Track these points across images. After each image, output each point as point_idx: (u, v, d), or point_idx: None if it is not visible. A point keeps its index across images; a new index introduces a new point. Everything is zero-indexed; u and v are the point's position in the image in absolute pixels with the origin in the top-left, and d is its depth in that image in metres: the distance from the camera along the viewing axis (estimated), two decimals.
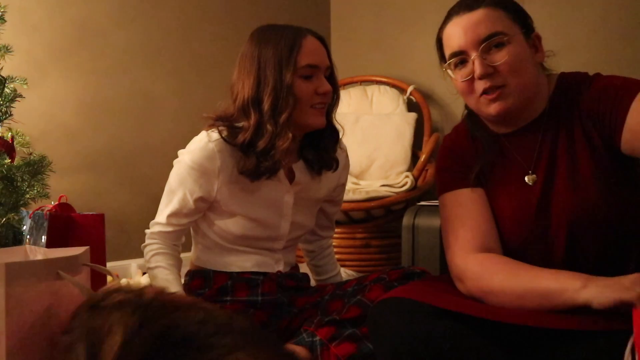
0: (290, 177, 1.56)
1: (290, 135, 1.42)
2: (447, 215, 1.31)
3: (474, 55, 1.22)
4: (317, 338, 1.43)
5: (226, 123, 1.48)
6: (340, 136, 1.62)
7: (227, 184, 1.49)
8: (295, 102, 1.42)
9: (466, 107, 1.38)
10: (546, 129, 1.27)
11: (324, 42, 1.50)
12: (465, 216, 1.27)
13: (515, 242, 1.26)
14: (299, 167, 1.56)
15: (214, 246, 1.58)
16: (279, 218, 1.56)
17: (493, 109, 1.24)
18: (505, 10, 1.24)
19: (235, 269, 1.57)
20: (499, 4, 1.25)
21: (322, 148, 1.56)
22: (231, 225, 1.54)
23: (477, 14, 1.23)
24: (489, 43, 1.21)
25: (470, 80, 1.24)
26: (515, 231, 1.27)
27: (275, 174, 1.47)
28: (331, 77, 1.51)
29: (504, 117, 1.27)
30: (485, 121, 1.34)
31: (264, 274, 1.58)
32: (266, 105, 1.41)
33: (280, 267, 1.61)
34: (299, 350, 1.44)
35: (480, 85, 1.23)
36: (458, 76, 1.26)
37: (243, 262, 1.57)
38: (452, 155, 1.36)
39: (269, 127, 1.42)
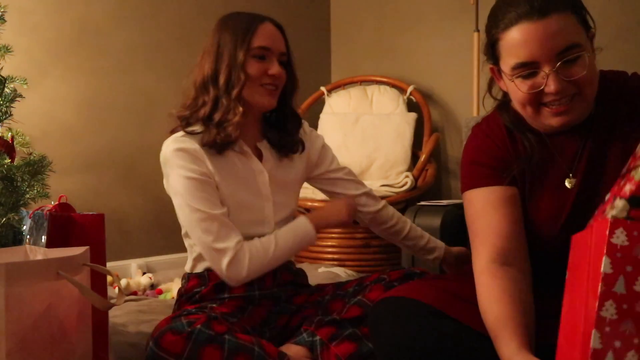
0: (259, 156, 1.61)
1: (240, 109, 1.51)
2: (475, 213, 1.26)
3: (547, 69, 1.12)
4: (317, 338, 1.44)
5: (183, 122, 1.56)
6: (302, 124, 1.69)
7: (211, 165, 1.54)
8: (246, 79, 1.51)
9: (490, 91, 1.32)
10: (590, 132, 1.22)
11: (282, 30, 1.60)
12: (493, 217, 1.22)
13: (550, 244, 1.24)
14: (264, 146, 1.62)
15: None
16: (261, 200, 1.58)
17: (556, 121, 1.18)
18: (575, 13, 1.15)
19: None
20: (569, 6, 1.14)
21: (284, 130, 1.63)
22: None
23: (552, 22, 1.11)
24: (566, 58, 1.12)
25: (537, 92, 1.16)
26: (549, 233, 1.23)
27: (232, 144, 1.54)
28: (288, 65, 1.60)
29: (564, 128, 1.21)
30: (532, 124, 1.26)
31: None
32: (221, 81, 1.52)
33: None
34: (299, 349, 1.44)
35: (548, 98, 1.16)
36: (524, 87, 1.16)
37: None
38: (486, 149, 1.28)
39: (224, 101, 1.52)
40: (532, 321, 1.12)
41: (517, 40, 1.13)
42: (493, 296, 1.14)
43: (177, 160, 1.50)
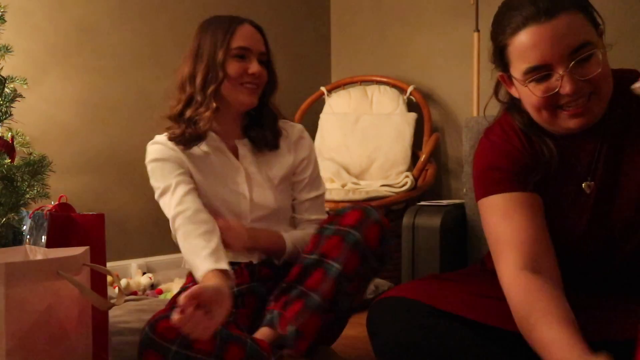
0: (236, 154, 1.64)
1: (214, 105, 1.55)
2: (498, 220, 1.19)
3: (561, 70, 1.09)
4: (275, 312, 1.44)
5: (173, 121, 1.61)
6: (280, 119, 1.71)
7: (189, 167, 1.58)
8: (225, 77, 1.55)
9: (497, 95, 1.30)
10: (605, 133, 1.19)
11: (261, 31, 1.63)
12: (519, 223, 1.16)
13: (571, 250, 1.22)
14: (242, 144, 1.64)
15: None
16: (237, 196, 1.60)
17: (574, 123, 1.14)
18: (582, 11, 1.12)
19: None
20: (575, 4, 1.12)
21: (263, 127, 1.65)
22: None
23: (561, 22, 1.08)
24: (579, 57, 1.09)
25: (552, 95, 1.12)
26: (570, 238, 1.22)
27: (201, 140, 1.57)
28: (268, 64, 1.63)
29: (581, 130, 1.17)
30: (547, 128, 1.22)
31: (238, 264, 1.58)
32: (199, 79, 1.56)
33: (255, 259, 1.61)
34: (263, 332, 1.43)
35: (564, 100, 1.13)
36: (538, 91, 1.13)
37: None
38: (505, 153, 1.23)
39: (198, 98, 1.56)
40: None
41: (526, 44, 1.11)
42: (533, 299, 1.07)
43: (152, 158, 1.62)
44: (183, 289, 1.62)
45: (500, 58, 1.19)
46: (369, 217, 1.47)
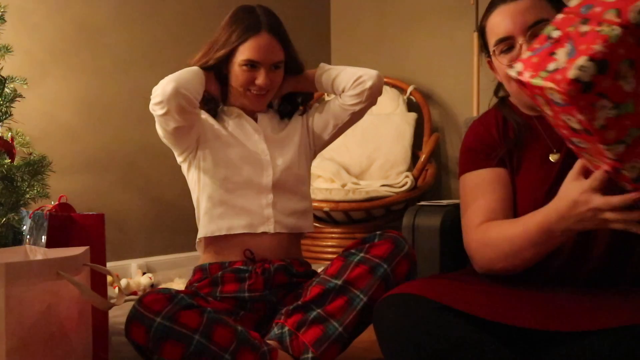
0: (255, 119, 1.70)
1: None
2: (465, 195, 1.38)
3: (521, 40, 1.26)
4: (286, 328, 1.42)
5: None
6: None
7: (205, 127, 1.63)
8: (215, 69, 1.61)
9: (496, 94, 1.45)
10: None
11: (280, 36, 1.61)
12: (479, 195, 1.33)
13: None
14: (262, 114, 1.70)
15: (210, 209, 1.61)
16: (258, 153, 1.64)
17: None
18: (548, 1, 1.29)
19: (224, 231, 1.58)
20: None
21: (286, 99, 1.74)
22: (221, 161, 1.60)
23: (524, 2, 1.28)
24: (536, 29, 1.23)
25: None
26: (534, 202, 1.27)
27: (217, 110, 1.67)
28: (289, 61, 1.65)
29: None
30: (519, 106, 1.38)
31: (253, 262, 1.57)
32: (194, 61, 1.66)
33: (269, 228, 1.60)
34: (271, 344, 1.43)
35: None
36: (505, 61, 1.29)
37: (233, 222, 1.59)
38: (479, 136, 1.40)
39: None
40: None
41: (496, 21, 1.31)
42: (502, 229, 1.24)
43: None
44: (189, 287, 1.60)
45: (483, 41, 1.37)
46: (400, 251, 1.47)
